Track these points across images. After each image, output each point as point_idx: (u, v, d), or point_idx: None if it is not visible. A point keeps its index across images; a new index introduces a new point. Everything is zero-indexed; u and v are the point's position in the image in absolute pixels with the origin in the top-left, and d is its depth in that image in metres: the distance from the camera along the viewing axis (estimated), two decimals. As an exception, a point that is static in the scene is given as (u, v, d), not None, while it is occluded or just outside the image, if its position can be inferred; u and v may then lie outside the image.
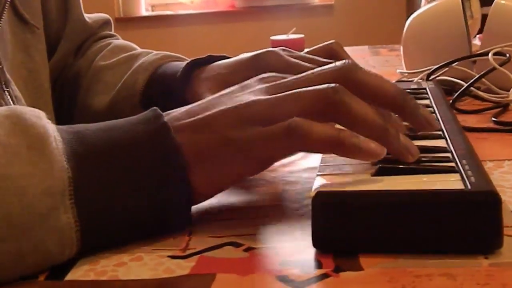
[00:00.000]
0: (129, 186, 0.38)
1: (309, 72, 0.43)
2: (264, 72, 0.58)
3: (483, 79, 0.67)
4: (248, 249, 0.37)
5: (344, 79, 0.40)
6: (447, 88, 0.72)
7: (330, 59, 0.58)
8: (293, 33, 1.05)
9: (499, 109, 0.68)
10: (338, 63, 0.42)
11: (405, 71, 0.79)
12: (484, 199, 0.34)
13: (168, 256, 0.37)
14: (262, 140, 0.39)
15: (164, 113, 0.42)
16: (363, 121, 0.38)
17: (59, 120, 0.72)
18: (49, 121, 0.39)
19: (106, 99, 0.69)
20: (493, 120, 0.64)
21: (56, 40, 0.76)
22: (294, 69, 0.56)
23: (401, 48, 0.90)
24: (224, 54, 0.65)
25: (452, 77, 0.75)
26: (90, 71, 0.74)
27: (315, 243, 0.36)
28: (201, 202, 0.42)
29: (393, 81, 0.83)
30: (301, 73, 0.55)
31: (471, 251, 0.34)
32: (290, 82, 0.42)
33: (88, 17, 0.81)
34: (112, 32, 0.84)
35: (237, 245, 0.38)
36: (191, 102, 0.60)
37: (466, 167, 0.38)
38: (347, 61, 0.42)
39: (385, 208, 0.35)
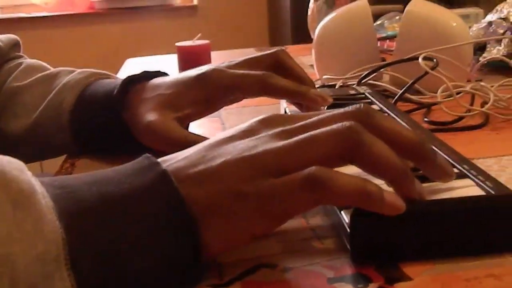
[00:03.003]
0: (130, 246, 0.33)
1: (321, 115, 0.39)
2: (211, 92, 0.57)
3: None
4: (285, 270, 0.37)
5: (361, 123, 0.36)
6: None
7: (274, 67, 0.59)
8: (198, 39, 1.04)
9: (425, 109, 0.73)
10: (351, 107, 0.38)
11: (333, 76, 0.82)
12: (510, 202, 0.37)
13: (210, 286, 0.36)
14: (278, 195, 0.34)
15: (158, 160, 0.37)
16: (385, 164, 0.36)
17: None
18: (31, 174, 0.33)
19: (27, 121, 0.65)
20: (425, 120, 0.69)
21: None
22: (241, 79, 0.56)
23: (313, 53, 0.93)
24: (159, 70, 0.63)
25: (376, 81, 0.79)
26: (2, 94, 0.69)
27: (354, 258, 0.37)
28: (208, 260, 0.36)
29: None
30: (250, 83, 0.55)
31: (500, 250, 0.37)
32: (301, 126, 0.38)
33: None
34: (21, 53, 0.78)
35: (271, 266, 0.38)
36: (130, 123, 0.58)
37: (472, 172, 0.41)
38: (361, 104, 0.38)
39: (421, 217, 0.36)
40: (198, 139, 0.53)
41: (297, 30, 2.23)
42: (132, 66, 1.31)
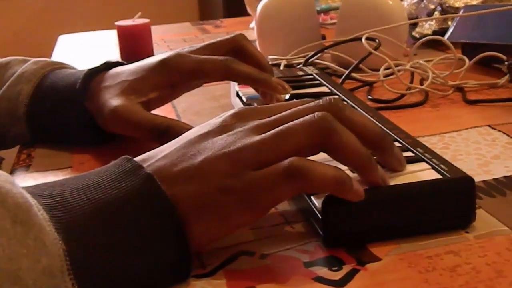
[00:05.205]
0: (123, 251, 0.34)
1: (294, 108, 0.41)
2: (175, 76, 0.58)
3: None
4: (263, 256, 0.40)
5: (332, 115, 0.39)
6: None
7: (234, 52, 0.60)
8: (139, 17, 1.03)
9: (367, 87, 0.77)
10: (322, 100, 0.41)
11: (278, 56, 0.84)
12: (464, 184, 0.41)
13: (194, 276, 0.38)
14: (261, 186, 0.37)
15: (137, 160, 0.38)
16: (354, 151, 0.38)
17: None
18: (19, 185, 0.34)
19: None
20: (369, 98, 0.73)
21: None
22: (204, 64, 0.57)
23: (255, 31, 0.95)
24: (119, 60, 0.63)
25: (319, 60, 0.82)
26: None
27: (326, 242, 0.40)
28: (198, 251, 0.39)
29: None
30: (213, 68, 0.57)
31: (456, 227, 0.41)
32: (275, 120, 0.40)
33: None
34: None
35: (250, 253, 0.40)
36: (94, 112, 0.59)
37: (427, 155, 0.45)
38: (331, 98, 0.41)
39: (386, 201, 0.40)
40: (164, 120, 0.54)
41: (228, 3, 2.23)
42: (66, 43, 1.28)
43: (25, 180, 0.55)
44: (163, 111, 0.71)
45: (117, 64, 0.62)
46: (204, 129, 0.41)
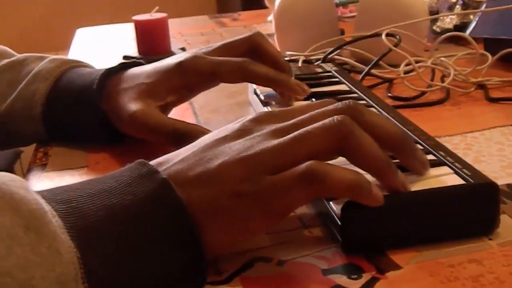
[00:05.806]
0: (138, 257, 0.34)
1: (312, 112, 0.40)
2: (192, 79, 0.57)
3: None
4: (280, 263, 0.39)
5: (351, 118, 0.38)
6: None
7: (252, 51, 0.59)
8: (156, 11, 1.02)
9: (387, 84, 0.75)
10: (341, 103, 0.40)
11: (296, 53, 0.83)
12: (488, 190, 0.39)
13: (209, 283, 0.37)
14: (277, 191, 0.36)
15: (152, 164, 0.38)
16: (372, 156, 0.38)
17: None
18: (34, 190, 0.34)
19: None
20: (389, 96, 0.71)
21: None
22: (221, 67, 0.56)
23: (273, 25, 0.93)
24: (136, 60, 0.63)
25: (338, 56, 0.81)
26: None
27: (345, 248, 0.39)
28: (212, 258, 0.38)
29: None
30: (230, 70, 0.56)
31: (479, 234, 0.40)
32: (293, 123, 0.39)
33: None
34: None
35: (267, 260, 0.39)
36: (109, 114, 0.58)
37: (449, 159, 0.43)
38: (350, 101, 0.40)
39: (407, 207, 0.39)
40: (182, 125, 0.54)
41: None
42: (84, 36, 1.28)
43: (41, 180, 0.55)
44: (180, 108, 0.71)
45: (133, 64, 0.61)
46: (222, 134, 0.40)
